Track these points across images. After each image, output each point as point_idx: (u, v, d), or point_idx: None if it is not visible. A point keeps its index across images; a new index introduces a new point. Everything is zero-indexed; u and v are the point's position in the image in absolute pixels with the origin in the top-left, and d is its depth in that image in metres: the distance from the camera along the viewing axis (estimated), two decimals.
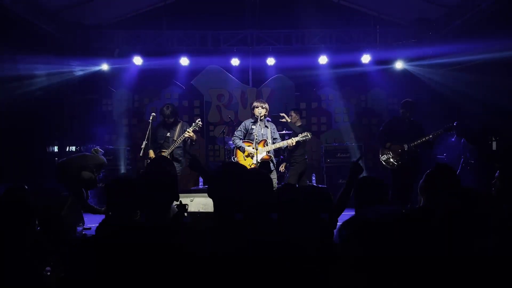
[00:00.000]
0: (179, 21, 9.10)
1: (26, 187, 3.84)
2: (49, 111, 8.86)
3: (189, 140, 6.31)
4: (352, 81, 9.69)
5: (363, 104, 9.96)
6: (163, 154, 6.23)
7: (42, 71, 8.05)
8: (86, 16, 8.75)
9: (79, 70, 9.06)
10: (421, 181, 2.92)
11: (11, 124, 7.44)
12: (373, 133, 9.80)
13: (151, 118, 6.30)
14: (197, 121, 6.34)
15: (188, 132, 6.14)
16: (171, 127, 6.43)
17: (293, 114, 7.08)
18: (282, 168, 7.35)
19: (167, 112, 6.35)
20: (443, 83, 8.68)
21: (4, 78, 7.12)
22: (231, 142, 6.67)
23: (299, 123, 7.08)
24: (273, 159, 6.17)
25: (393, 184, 5.98)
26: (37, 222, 2.73)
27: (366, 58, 8.97)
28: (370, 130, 9.81)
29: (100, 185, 6.80)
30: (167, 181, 2.64)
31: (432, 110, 9.48)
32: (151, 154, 6.22)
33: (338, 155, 8.73)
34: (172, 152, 6.26)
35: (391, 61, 9.16)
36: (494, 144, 9.24)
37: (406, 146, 6.01)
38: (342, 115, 9.91)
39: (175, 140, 6.27)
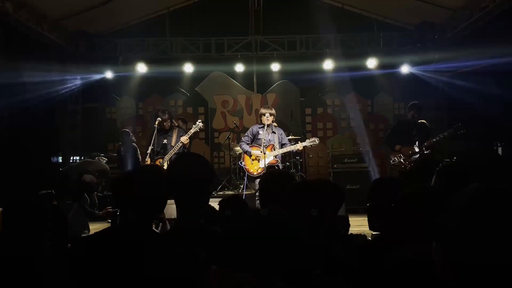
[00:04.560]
0: (182, 28, 9.09)
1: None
2: (52, 120, 8.76)
3: (182, 146, 6.08)
4: (358, 86, 9.59)
5: (369, 109, 9.85)
6: (159, 161, 6.09)
7: (45, 79, 7.97)
8: (89, 24, 8.71)
9: (82, 78, 8.99)
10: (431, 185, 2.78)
11: (13, 133, 7.34)
12: (380, 138, 9.69)
13: (156, 123, 6.19)
14: (197, 122, 6.16)
15: (186, 138, 6.02)
16: (167, 133, 6.32)
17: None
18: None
19: (164, 116, 6.23)
20: (450, 87, 8.58)
21: (6, 86, 7.03)
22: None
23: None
24: (279, 164, 6.17)
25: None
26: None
27: (371, 63, 8.89)
28: (377, 135, 9.68)
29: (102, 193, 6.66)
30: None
31: (440, 114, 9.39)
32: (148, 162, 6.03)
33: (345, 160, 8.58)
34: (170, 158, 6.08)
35: (396, 65, 9.08)
36: (500, 149, 9.13)
37: (416, 148, 5.92)
38: (348, 121, 9.79)
39: (173, 147, 6.14)
